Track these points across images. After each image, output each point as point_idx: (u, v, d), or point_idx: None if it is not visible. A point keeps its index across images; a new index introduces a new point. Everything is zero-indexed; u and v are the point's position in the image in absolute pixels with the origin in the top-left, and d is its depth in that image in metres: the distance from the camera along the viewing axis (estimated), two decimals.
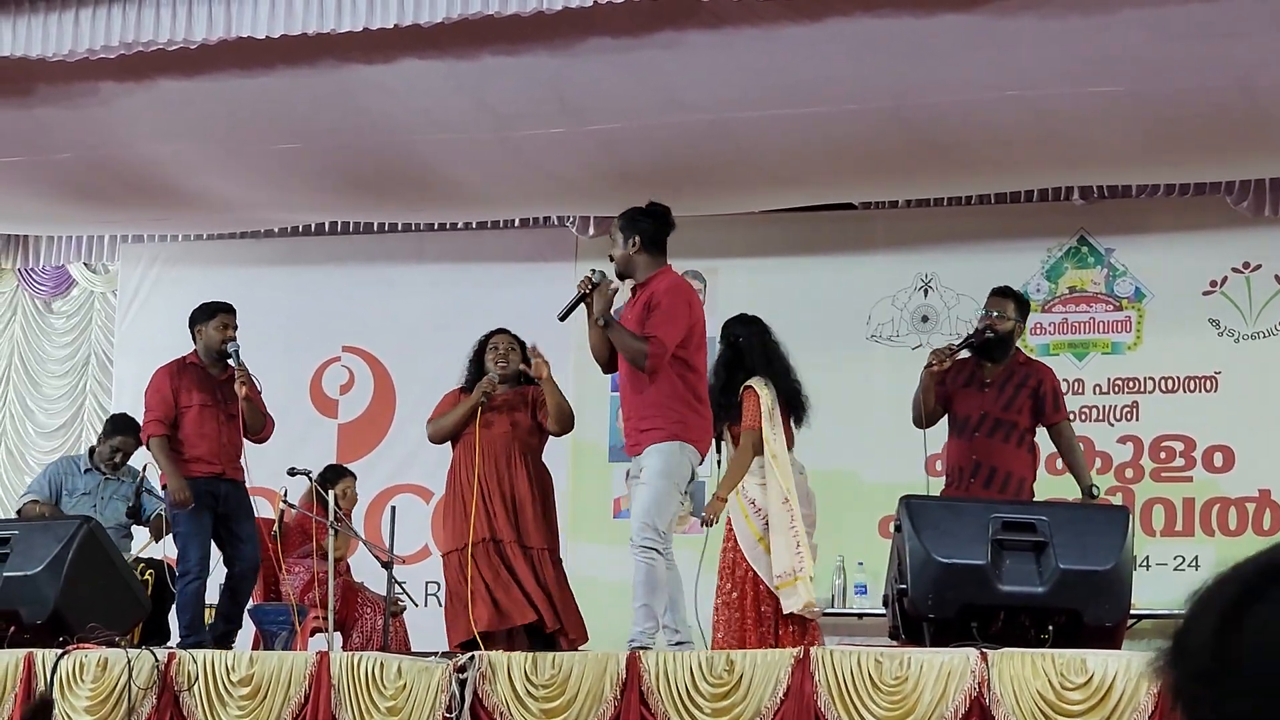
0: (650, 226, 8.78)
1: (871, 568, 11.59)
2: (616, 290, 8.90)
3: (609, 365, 8.89)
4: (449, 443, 9.77)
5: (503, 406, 9.64)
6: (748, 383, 9.53)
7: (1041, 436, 9.61)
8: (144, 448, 10.21)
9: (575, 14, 8.93)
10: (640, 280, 8.82)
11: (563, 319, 8.91)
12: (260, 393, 10.04)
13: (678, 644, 8.29)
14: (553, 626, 9.13)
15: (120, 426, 11.37)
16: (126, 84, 10.28)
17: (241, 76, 10.10)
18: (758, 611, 9.30)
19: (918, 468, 12.11)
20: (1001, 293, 9.75)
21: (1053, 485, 10.68)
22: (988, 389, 9.45)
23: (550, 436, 9.76)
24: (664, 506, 8.42)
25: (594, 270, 8.88)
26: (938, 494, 9.50)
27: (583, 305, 8.80)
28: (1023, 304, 9.88)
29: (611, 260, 8.88)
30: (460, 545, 9.44)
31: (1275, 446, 10.91)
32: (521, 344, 9.80)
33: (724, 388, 9.35)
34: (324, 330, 13.67)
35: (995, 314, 9.58)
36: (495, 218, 13.08)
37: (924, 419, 9.51)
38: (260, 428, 10.04)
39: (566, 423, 9.66)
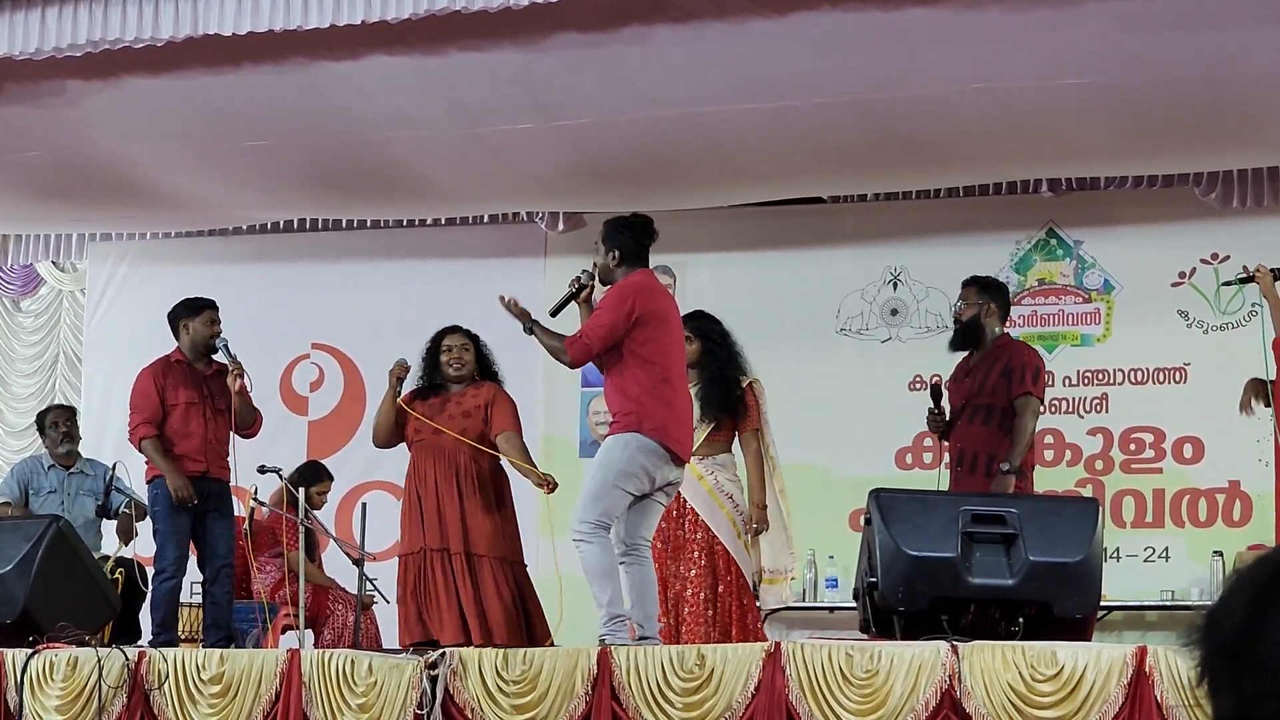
0: (630, 240, 8.74)
1: (842, 561, 11.62)
2: (592, 290, 8.91)
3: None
4: (406, 444, 9.82)
5: (455, 411, 9.62)
6: (749, 381, 9.65)
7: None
8: (137, 449, 10.09)
9: (542, 9, 8.93)
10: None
11: (554, 315, 8.91)
12: (251, 389, 10.01)
13: (641, 639, 8.29)
14: (479, 643, 9.03)
15: (45, 412, 11.44)
16: (94, 83, 10.26)
17: (209, 74, 10.08)
18: (740, 605, 9.39)
19: (888, 461, 12.17)
20: (964, 283, 9.89)
21: (1045, 477, 10.74)
22: (968, 378, 9.54)
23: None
24: (599, 498, 8.38)
25: (584, 271, 8.88)
26: (909, 488, 9.53)
27: (574, 302, 8.86)
28: (987, 287, 9.83)
29: (595, 265, 8.87)
30: (409, 552, 9.51)
31: (1244, 437, 10.94)
32: (475, 340, 9.82)
33: (711, 381, 9.52)
34: (293, 327, 13.65)
35: (958, 304, 9.76)
36: (464, 214, 13.08)
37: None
38: (250, 423, 10.02)
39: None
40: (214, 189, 11.94)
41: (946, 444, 9.72)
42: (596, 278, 8.81)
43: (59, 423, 11.14)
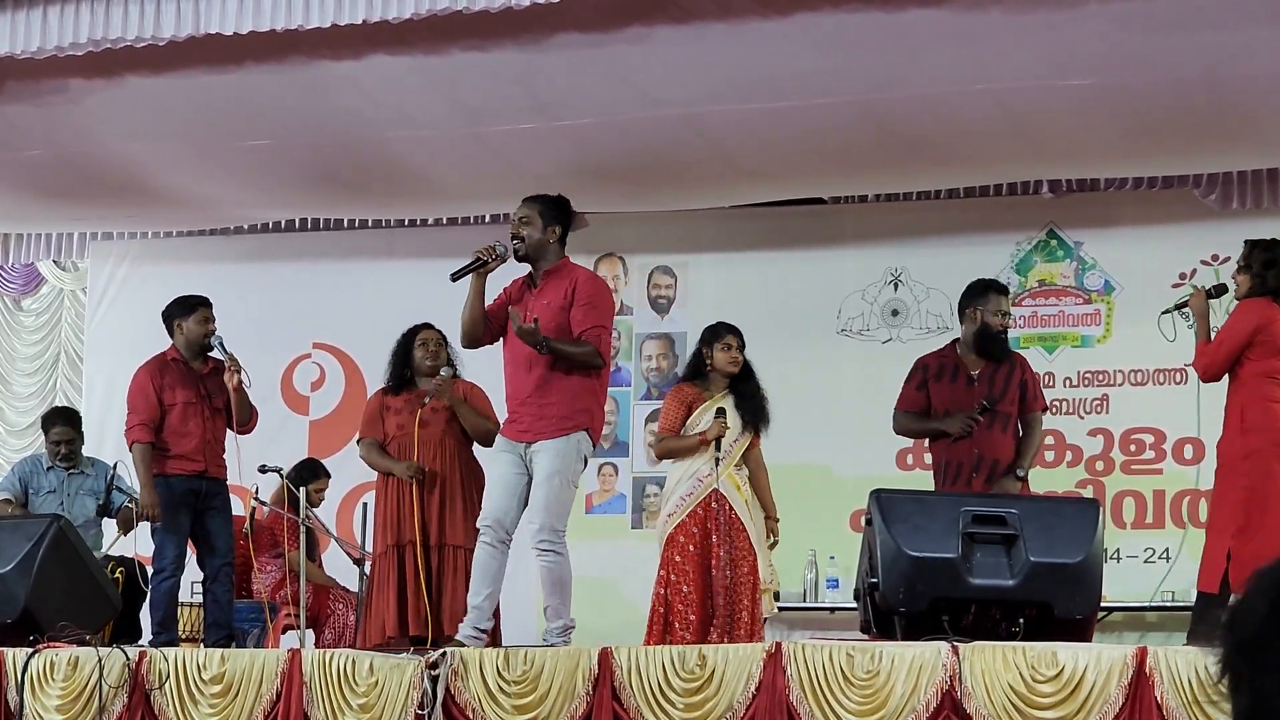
0: (568, 221, 8.79)
1: (843, 562, 11.62)
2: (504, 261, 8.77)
3: (476, 341, 8.81)
4: (384, 443, 9.93)
5: (437, 404, 9.74)
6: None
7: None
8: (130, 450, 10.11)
9: (544, 9, 8.93)
10: (547, 267, 8.70)
11: (455, 280, 8.71)
12: (249, 386, 10.01)
13: (567, 629, 8.47)
14: (450, 632, 9.16)
15: (53, 419, 11.37)
16: (96, 81, 10.26)
17: (211, 73, 10.09)
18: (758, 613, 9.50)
19: (889, 462, 12.16)
20: (1002, 290, 9.82)
21: (1046, 478, 10.73)
22: (977, 383, 9.45)
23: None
24: (564, 505, 8.47)
25: (498, 242, 8.76)
26: (910, 489, 9.50)
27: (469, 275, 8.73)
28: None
29: (518, 238, 8.71)
30: (384, 549, 9.62)
31: None
32: (444, 338, 9.90)
33: (755, 395, 9.62)
34: (294, 327, 13.65)
35: (1004, 314, 9.63)
36: (466, 214, 13.07)
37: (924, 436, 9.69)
38: (247, 419, 10.01)
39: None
40: (215, 188, 11.94)
41: (931, 445, 9.67)
42: (515, 253, 8.67)
43: (60, 442, 11.11)
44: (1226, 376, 8.89)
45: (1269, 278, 8.76)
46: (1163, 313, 9.54)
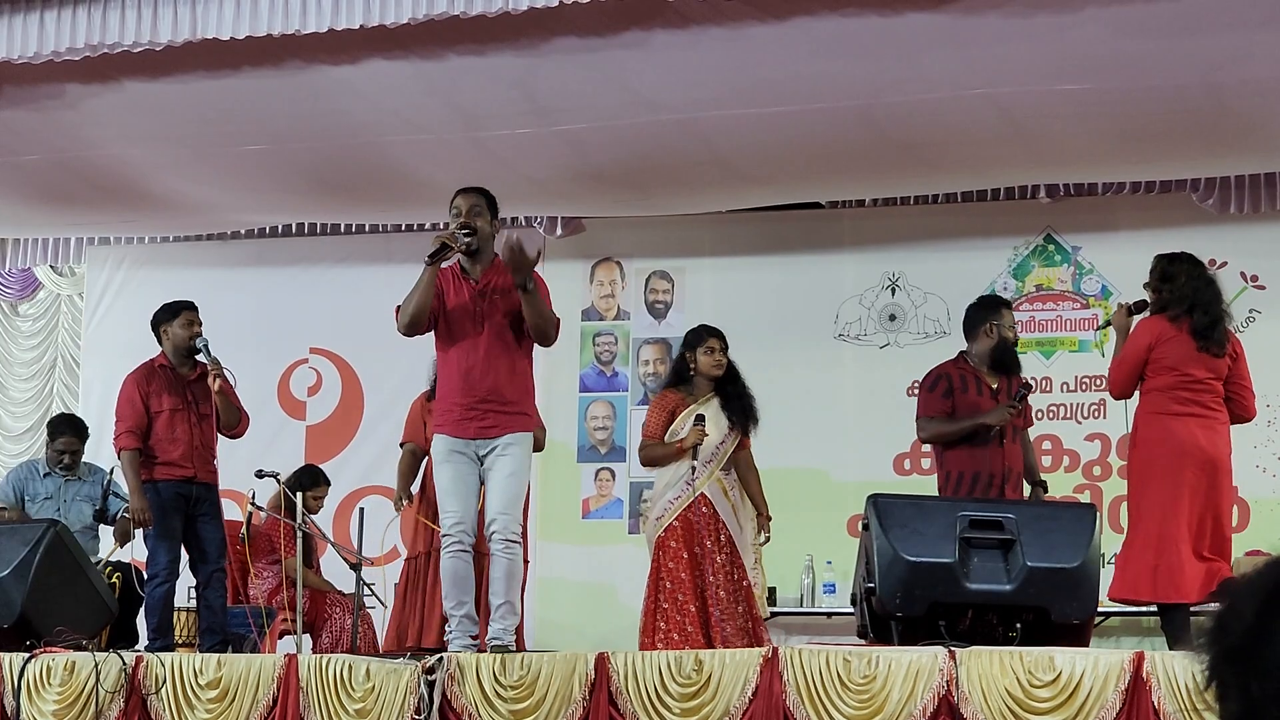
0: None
1: (840, 566, 11.62)
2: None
3: (418, 330, 8.54)
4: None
5: None
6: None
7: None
8: (118, 458, 10.11)
9: (541, 14, 8.93)
10: (486, 264, 8.45)
11: (430, 263, 8.31)
12: (235, 386, 9.99)
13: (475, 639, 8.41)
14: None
15: (61, 428, 11.34)
16: (93, 86, 10.26)
17: (208, 78, 10.08)
18: (755, 616, 9.46)
19: (886, 466, 12.16)
20: (1009, 304, 9.87)
21: None
22: (999, 397, 9.41)
23: None
24: (523, 500, 8.43)
25: (457, 230, 8.41)
26: (907, 494, 9.48)
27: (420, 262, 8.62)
28: None
29: (470, 228, 8.39)
30: (411, 555, 9.63)
31: (1244, 444, 10.92)
32: None
33: (743, 395, 9.58)
34: (291, 332, 13.65)
35: (1013, 327, 9.62)
36: None
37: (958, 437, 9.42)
38: (235, 422, 9.98)
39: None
40: (213, 192, 11.94)
41: (948, 455, 9.54)
42: (467, 245, 8.43)
43: (65, 452, 11.11)
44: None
45: (1162, 292, 8.83)
46: (1098, 328, 9.58)
